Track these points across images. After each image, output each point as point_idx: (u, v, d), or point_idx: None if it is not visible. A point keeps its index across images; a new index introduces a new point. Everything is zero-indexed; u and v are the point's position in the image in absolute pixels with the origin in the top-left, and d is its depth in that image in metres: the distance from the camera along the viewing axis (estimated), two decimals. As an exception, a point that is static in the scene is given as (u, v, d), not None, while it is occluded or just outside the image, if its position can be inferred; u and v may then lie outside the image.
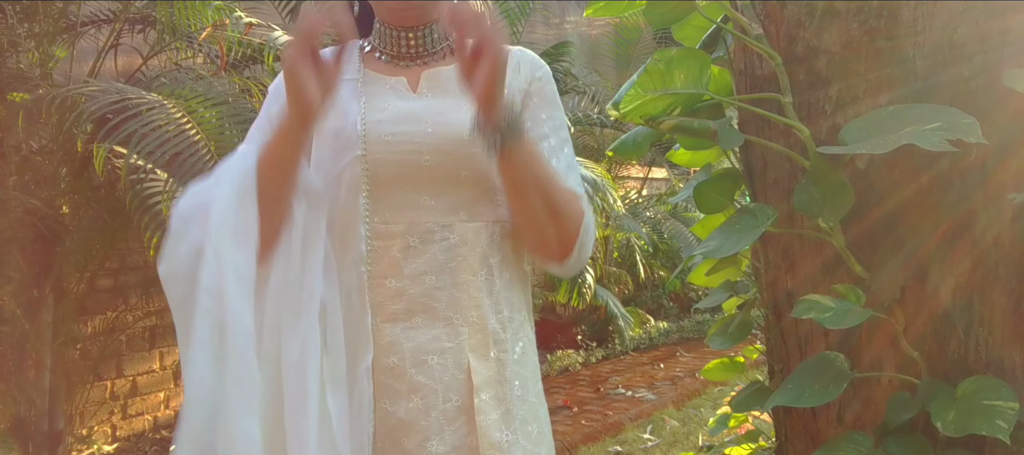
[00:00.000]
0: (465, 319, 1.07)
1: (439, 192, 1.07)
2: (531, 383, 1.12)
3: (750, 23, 1.27)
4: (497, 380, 1.07)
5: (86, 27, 3.72)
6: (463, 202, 1.08)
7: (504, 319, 1.10)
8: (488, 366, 1.07)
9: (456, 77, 1.01)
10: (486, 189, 1.09)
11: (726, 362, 1.80)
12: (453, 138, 1.06)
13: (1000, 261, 1.15)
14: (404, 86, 1.13)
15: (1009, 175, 1.14)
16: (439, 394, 1.04)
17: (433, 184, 1.07)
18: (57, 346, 3.47)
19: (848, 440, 1.14)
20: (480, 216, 1.09)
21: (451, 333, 1.06)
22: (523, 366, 1.11)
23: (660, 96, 1.29)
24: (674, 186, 7.97)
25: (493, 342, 1.08)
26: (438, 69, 1.14)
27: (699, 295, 7.24)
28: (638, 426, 4.65)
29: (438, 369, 1.05)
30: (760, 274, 1.41)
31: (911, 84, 1.17)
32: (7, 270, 3.34)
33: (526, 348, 1.13)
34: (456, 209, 1.08)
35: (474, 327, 1.07)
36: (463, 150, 1.06)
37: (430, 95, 1.12)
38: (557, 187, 1.06)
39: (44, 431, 3.38)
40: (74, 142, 3.27)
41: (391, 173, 1.06)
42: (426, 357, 1.05)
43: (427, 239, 1.06)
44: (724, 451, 1.89)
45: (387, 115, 1.08)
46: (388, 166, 1.06)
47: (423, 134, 1.07)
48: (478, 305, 1.08)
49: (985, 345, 1.16)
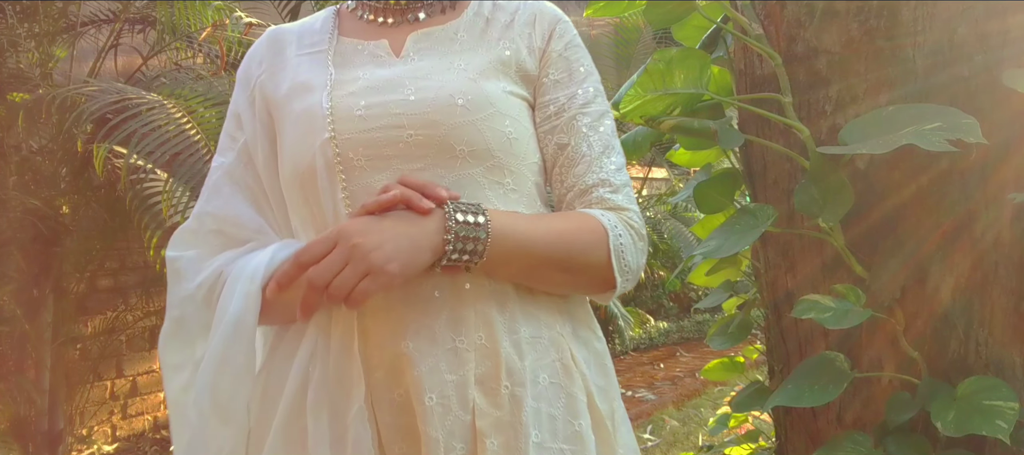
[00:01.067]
0: (471, 342, 0.85)
1: (430, 175, 0.86)
2: (561, 421, 0.87)
3: (750, 23, 1.26)
4: (510, 424, 0.84)
5: (86, 27, 3.72)
6: (462, 185, 0.86)
7: (522, 340, 0.87)
8: (498, 405, 0.84)
9: (452, 36, 0.91)
10: (492, 167, 0.88)
11: (726, 362, 1.80)
12: (442, 104, 0.87)
13: (1000, 261, 1.15)
14: (385, 50, 0.94)
15: (1009, 175, 1.14)
16: (441, 444, 0.82)
17: (421, 165, 0.86)
18: (57, 346, 3.47)
19: (848, 440, 1.14)
20: (484, 203, 0.86)
21: (453, 362, 0.84)
22: (553, 402, 0.87)
23: (660, 96, 1.29)
24: (674, 186, 7.97)
25: (506, 372, 0.85)
26: (429, 30, 0.95)
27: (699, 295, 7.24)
28: (638, 426, 4.64)
29: (438, 411, 0.82)
30: (760, 274, 1.41)
31: (911, 84, 1.16)
32: (7, 270, 3.34)
33: (558, 377, 0.89)
34: None
35: (482, 352, 0.85)
36: (456, 118, 0.86)
37: (417, 58, 0.93)
38: (560, 243, 0.86)
39: (44, 431, 3.38)
40: (74, 142, 3.27)
41: (367, 156, 0.86)
42: (422, 394, 0.82)
43: None
44: (724, 451, 1.89)
45: (360, 86, 0.89)
46: (362, 147, 0.86)
47: (403, 103, 0.87)
48: (487, 322, 0.85)
49: (985, 345, 1.16)
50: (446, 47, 0.94)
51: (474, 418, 0.83)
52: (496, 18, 0.97)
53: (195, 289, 0.90)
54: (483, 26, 0.97)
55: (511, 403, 0.84)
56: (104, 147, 2.93)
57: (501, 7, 0.99)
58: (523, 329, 0.87)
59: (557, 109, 0.94)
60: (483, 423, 0.83)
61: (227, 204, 0.94)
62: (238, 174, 0.96)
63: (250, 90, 0.98)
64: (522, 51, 0.95)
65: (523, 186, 0.91)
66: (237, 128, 0.98)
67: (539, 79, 0.96)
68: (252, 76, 0.99)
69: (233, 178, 0.96)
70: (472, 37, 0.95)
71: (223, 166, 0.97)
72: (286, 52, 0.99)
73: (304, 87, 0.92)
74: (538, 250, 0.85)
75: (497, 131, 0.88)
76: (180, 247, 0.94)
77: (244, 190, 0.95)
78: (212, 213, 0.95)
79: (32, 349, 3.37)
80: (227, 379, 0.85)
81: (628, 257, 0.89)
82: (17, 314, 3.34)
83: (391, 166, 0.86)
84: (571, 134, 0.93)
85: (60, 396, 3.49)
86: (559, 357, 0.90)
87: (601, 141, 0.94)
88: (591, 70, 0.97)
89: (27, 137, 3.41)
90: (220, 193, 0.95)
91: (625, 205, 0.92)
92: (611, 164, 0.93)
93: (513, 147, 0.89)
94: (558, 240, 0.87)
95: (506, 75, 0.93)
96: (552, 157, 0.94)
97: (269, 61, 0.99)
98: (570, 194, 0.93)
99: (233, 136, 0.98)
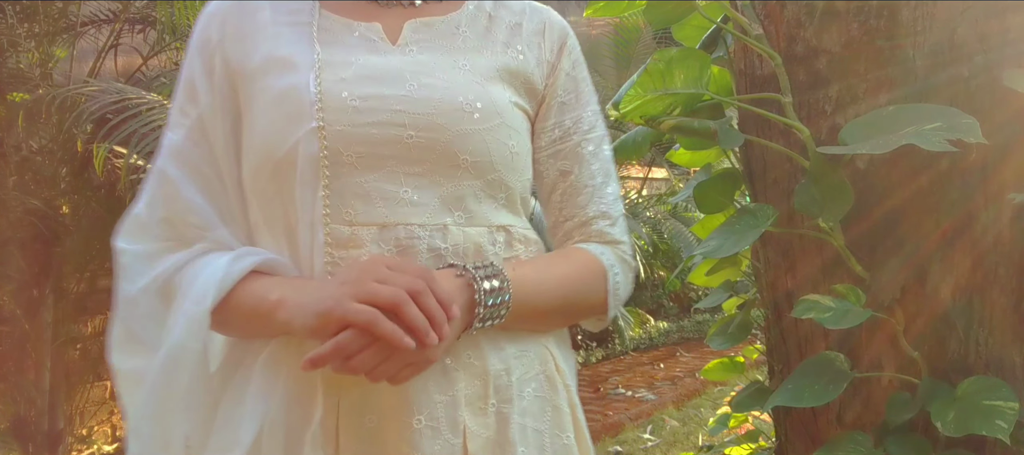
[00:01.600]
0: (460, 362, 0.81)
1: (427, 182, 0.80)
2: (548, 436, 0.86)
3: (750, 23, 1.26)
4: (497, 442, 0.82)
5: (86, 27, 3.72)
6: (460, 197, 0.81)
7: (509, 357, 0.84)
8: (486, 424, 0.82)
9: (454, 30, 0.85)
10: (492, 181, 0.83)
11: (726, 362, 1.80)
12: (448, 107, 0.80)
13: (1000, 261, 1.15)
14: (379, 34, 0.85)
15: (1009, 175, 1.14)
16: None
17: (419, 170, 0.80)
18: (57, 346, 3.47)
19: (848, 440, 1.14)
20: (480, 218, 0.83)
21: (443, 383, 0.80)
22: (538, 416, 0.86)
23: (660, 96, 1.29)
24: (674, 186, 7.97)
25: (494, 390, 0.82)
26: (428, 19, 0.87)
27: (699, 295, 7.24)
28: (638, 426, 4.65)
29: (428, 434, 0.78)
30: (760, 274, 1.41)
31: (911, 84, 1.16)
32: (7, 270, 3.34)
33: (542, 390, 0.87)
34: (450, 207, 0.81)
35: (470, 371, 0.81)
36: (463, 125, 0.80)
37: (416, 50, 0.85)
38: (565, 291, 0.86)
39: (44, 431, 3.38)
40: (74, 142, 3.27)
41: (359, 153, 0.79)
42: (410, 417, 0.78)
43: (408, 247, 0.79)
44: (724, 451, 1.89)
45: (353, 72, 0.81)
46: (354, 143, 0.78)
47: (406, 99, 0.80)
48: (475, 342, 0.82)
49: (985, 345, 1.16)
50: (448, 42, 0.86)
51: (465, 440, 0.80)
52: (500, 17, 0.91)
53: (139, 294, 0.83)
54: (486, 23, 0.90)
55: (498, 421, 0.82)
56: (104, 147, 2.93)
57: (505, 5, 0.93)
58: (507, 346, 0.85)
59: (562, 133, 0.93)
60: (474, 445, 0.80)
61: (176, 192, 0.84)
62: (188, 154, 0.84)
63: (208, 56, 0.85)
64: (531, 63, 0.91)
65: (514, 201, 0.88)
66: (189, 101, 0.86)
67: (545, 97, 0.92)
68: (211, 40, 0.86)
69: (183, 159, 0.84)
70: (475, 34, 0.89)
71: (173, 145, 0.86)
72: (258, 16, 0.86)
73: (284, 62, 0.82)
74: (548, 303, 0.86)
75: (502, 145, 0.83)
76: (128, 238, 0.85)
77: (194, 173, 0.84)
78: (161, 200, 0.85)
79: (32, 349, 3.37)
80: (167, 412, 0.79)
81: (622, 292, 0.92)
82: (17, 314, 3.34)
83: (385, 167, 0.79)
84: (575, 161, 0.93)
85: (60, 396, 3.49)
86: (543, 369, 0.88)
87: (602, 170, 0.94)
88: (593, 90, 0.97)
89: (27, 137, 3.41)
90: (167, 178, 0.85)
91: (620, 238, 0.94)
92: (610, 194, 0.94)
93: (514, 162, 0.86)
94: (564, 287, 0.87)
95: (512, 85, 0.89)
96: (552, 182, 0.94)
97: (235, 23, 0.86)
98: (569, 223, 0.94)
99: (184, 110, 0.86)
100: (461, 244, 0.81)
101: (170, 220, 0.84)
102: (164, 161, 0.86)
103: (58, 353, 3.48)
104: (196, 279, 0.79)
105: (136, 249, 0.84)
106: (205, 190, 0.84)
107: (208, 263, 0.80)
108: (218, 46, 0.85)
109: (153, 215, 0.85)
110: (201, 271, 0.79)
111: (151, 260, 0.83)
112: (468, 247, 0.82)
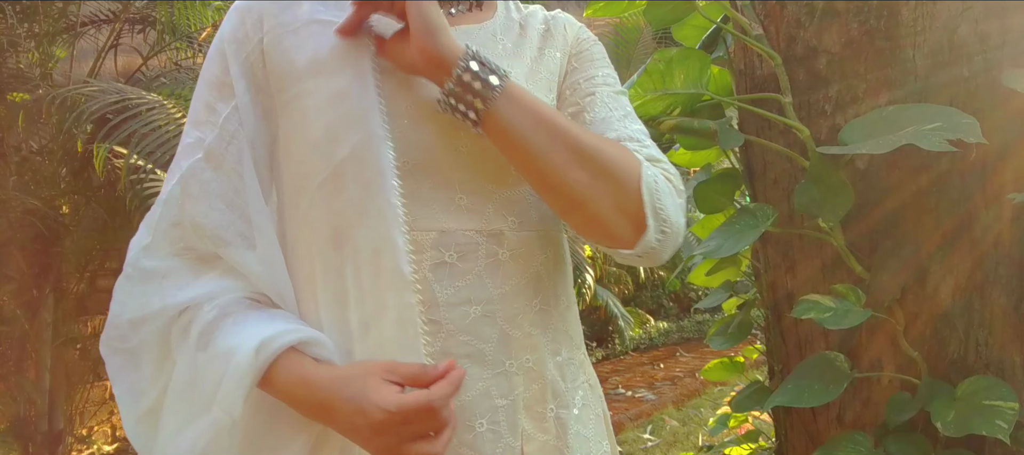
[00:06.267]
0: (519, 365, 0.80)
1: (478, 188, 0.79)
2: (594, 444, 0.86)
3: (750, 23, 1.26)
4: (556, 447, 0.81)
5: (86, 27, 3.72)
6: (512, 202, 0.81)
7: (562, 362, 0.85)
8: (545, 429, 0.81)
9: (491, 38, 0.82)
10: None
11: (726, 362, 1.81)
12: None
13: (1000, 261, 1.15)
14: None
15: (1009, 175, 1.14)
16: None
17: (472, 176, 0.79)
18: (57, 346, 3.47)
19: (848, 440, 1.14)
20: (531, 223, 0.82)
21: (504, 386, 0.79)
22: (585, 424, 0.86)
23: (660, 96, 1.29)
24: (674, 186, 7.96)
25: (552, 395, 0.82)
26: (466, 28, 0.85)
27: (699, 295, 7.24)
28: (638, 426, 4.65)
29: (489, 437, 0.77)
30: (760, 274, 1.41)
31: (911, 84, 1.16)
32: (7, 270, 3.34)
33: (587, 398, 0.88)
34: (503, 212, 0.80)
35: (529, 375, 0.81)
36: None
37: None
38: (584, 139, 0.76)
39: (44, 431, 3.38)
40: (74, 142, 3.27)
41: (416, 159, 0.77)
42: (473, 420, 0.77)
43: (468, 253, 0.78)
44: (724, 451, 1.89)
45: (404, 76, 0.78)
46: (411, 148, 0.77)
47: None
48: (534, 345, 0.81)
49: (985, 345, 1.16)
50: (489, 50, 0.84)
51: (522, 443, 0.79)
52: (529, 25, 0.91)
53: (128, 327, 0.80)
54: (519, 31, 0.90)
55: (557, 426, 0.82)
56: (104, 147, 2.93)
57: (531, 13, 0.93)
58: (563, 350, 0.85)
59: (573, 88, 0.88)
60: (531, 448, 0.79)
61: (201, 192, 0.79)
62: (219, 155, 0.79)
63: (246, 53, 0.80)
64: (562, 65, 0.90)
65: None
66: (219, 98, 0.80)
67: (561, 80, 0.90)
68: (249, 38, 0.81)
69: (212, 160, 0.79)
70: (511, 41, 0.88)
71: (201, 144, 0.80)
72: (299, 12, 0.80)
73: (334, 63, 0.77)
74: (560, 127, 0.75)
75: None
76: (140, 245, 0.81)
77: (221, 178, 0.79)
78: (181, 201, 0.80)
79: (32, 349, 3.37)
80: None
81: (665, 199, 0.77)
82: (17, 314, 3.34)
83: (440, 175, 0.78)
84: (589, 102, 0.86)
85: (60, 396, 3.49)
86: (587, 378, 0.89)
87: (621, 108, 0.86)
88: (609, 61, 0.93)
89: (27, 137, 3.41)
90: (190, 188, 0.80)
91: (658, 157, 0.81)
92: (635, 127, 0.84)
93: None
94: (579, 135, 0.76)
95: (550, 88, 0.88)
96: None
97: (275, 18, 0.80)
98: None
99: (212, 106, 0.80)
100: (517, 248, 0.80)
101: (191, 226, 0.79)
102: (195, 163, 0.80)
103: (58, 353, 3.49)
104: (221, 374, 0.74)
105: (149, 266, 0.80)
106: (230, 197, 0.79)
107: (231, 353, 0.74)
108: (260, 44, 0.80)
109: (168, 218, 0.81)
110: (223, 361, 0.74)
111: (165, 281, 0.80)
112: (522, 251, 0.81)
